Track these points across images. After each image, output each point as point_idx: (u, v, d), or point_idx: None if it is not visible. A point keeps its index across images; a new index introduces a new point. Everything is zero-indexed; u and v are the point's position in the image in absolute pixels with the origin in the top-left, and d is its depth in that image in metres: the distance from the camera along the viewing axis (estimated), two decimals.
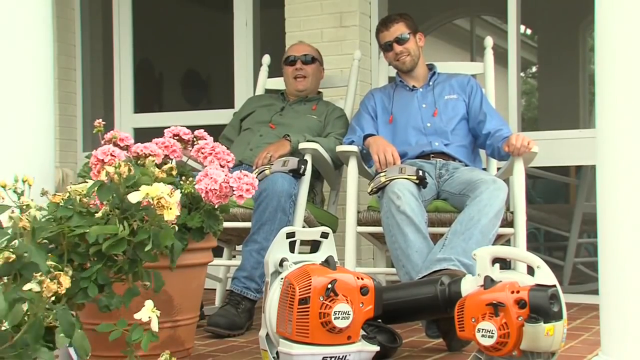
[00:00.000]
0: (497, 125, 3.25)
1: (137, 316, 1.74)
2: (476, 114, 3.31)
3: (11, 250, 1.55)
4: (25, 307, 1.50)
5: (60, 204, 1.84)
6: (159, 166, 2.18)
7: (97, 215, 1.84)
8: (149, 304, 1.76)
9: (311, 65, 3.58)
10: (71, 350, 2.24)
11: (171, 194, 1.79)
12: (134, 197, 1.78)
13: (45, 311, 1.50)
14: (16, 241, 1.59)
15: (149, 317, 1.74)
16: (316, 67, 3.61)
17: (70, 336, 1.54)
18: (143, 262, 1.85)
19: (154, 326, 1.74)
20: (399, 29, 3.35)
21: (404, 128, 3.31)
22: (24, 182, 1.82)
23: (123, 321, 1.81)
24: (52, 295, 1.49)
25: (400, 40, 3.35)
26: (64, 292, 1.50)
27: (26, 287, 1.49)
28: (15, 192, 1.82)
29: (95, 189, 1.88)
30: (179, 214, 1.83)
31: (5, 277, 1.54)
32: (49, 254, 1.75)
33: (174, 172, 2.22)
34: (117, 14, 4.74)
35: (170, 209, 1.77)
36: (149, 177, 1.97)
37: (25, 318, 1.49)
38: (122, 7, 4.73)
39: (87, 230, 1.77)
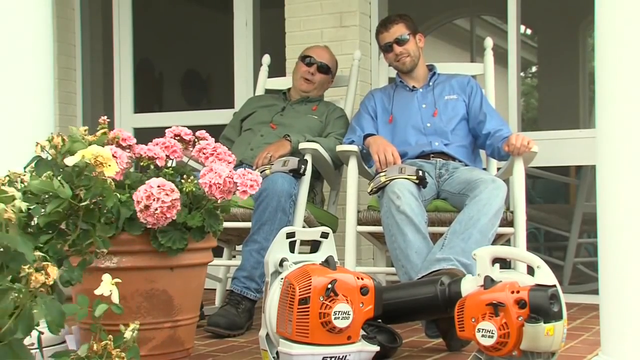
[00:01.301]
0: (497, 126, 3.25)
1: (97, 292, 1.71)
2: (476, 114, 3.32)
3: None
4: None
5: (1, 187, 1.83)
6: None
7: None
8: (106, 277, 1.72)
9: (322, 75, 3.59)
10: (69, 339, 2.24)
11: (106, 154, 1.77)
12: (70, 161, 1.76)
13: (32, 302, 1.49)
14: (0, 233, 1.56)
15: (110, 291, 1.71)
16: (325, 79, 3.62)
17: (61, 326, 1.52)
18: (97, 229, 1.82)
19: (115, 298, 1.71)
20: (399, 30, 3.35)
21: (403, 128, 3.31)
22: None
23: (84, 297, 1.75)
24: (40, 287, 1.47)
25: (400, 41, 3.35)
26: (51, 282, 1.49)
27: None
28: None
29: (33, 164, 1.87)
30: (118, 170, 1.83)
31: None
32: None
33: (106, 133, 2.19)
34: (117, 14, 4.74)
35: (109, 165, 1.75)
36: (81, 143, 1.95)
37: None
38: (122, 7, 4.73)
39: (33, 207, 1.73)
